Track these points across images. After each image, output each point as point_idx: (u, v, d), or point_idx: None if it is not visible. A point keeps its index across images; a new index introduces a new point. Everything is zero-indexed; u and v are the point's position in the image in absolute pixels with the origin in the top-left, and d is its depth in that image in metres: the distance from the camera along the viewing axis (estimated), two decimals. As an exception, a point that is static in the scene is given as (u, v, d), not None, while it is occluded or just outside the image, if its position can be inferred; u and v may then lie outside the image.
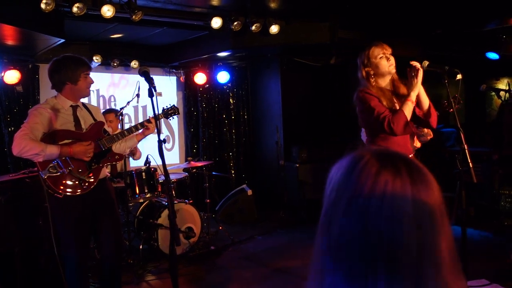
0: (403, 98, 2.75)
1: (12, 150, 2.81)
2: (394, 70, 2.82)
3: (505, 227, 5.13)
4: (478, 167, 5.40)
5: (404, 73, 2.80)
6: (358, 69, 2.89)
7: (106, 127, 3.23)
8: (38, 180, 3.88)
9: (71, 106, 3.05)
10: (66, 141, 2.95)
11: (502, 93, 4.64)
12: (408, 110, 2.67)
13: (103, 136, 3.13)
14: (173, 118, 3.64)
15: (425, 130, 3.64)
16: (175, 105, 3.64)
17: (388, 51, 2.81)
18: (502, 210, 5.22)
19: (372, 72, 2.81)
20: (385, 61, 2.79)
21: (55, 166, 2.87)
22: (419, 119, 2.81)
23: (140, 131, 3.26)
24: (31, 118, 2.91)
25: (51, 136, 2.91)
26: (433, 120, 2.81)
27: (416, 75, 2.68)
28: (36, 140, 2.84)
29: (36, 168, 2.95)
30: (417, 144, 4.03)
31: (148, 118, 3.30)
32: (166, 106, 3.60)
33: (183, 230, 4.54)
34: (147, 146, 4.81)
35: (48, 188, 2.88)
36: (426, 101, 2.78)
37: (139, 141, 3.32)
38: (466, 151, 2.52)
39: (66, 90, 3.01)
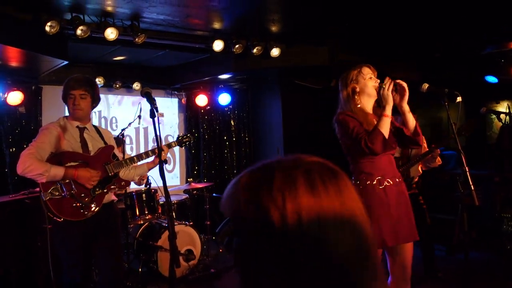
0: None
1: (17, 168, 2.76)
2: (376, 97, 2.77)
3: (507, 250, 5.08)
4: (479, 189, 5.38)
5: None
6: (341, 89, 2.84)
7: (116, 152, 3.15)
8: (37, 201, 3.88)
9: (78, 127, 2.99)
10: (72, 163, 2.87)
11: (502, 116, 4.65)
12: (384, 125, 2.60)
13: (111, 161, 3.04)
14: (187, 146, 3.57)
15: (436, 156, 3.61)
16: (189, 135, 3.55)
17: (375, 74, 2.79)
18: (504, 232, 5.18)
19: (357, 89, 2.75)
20: (372, 82, 2.75)
21: (58, 189, 2.79)
22: (407, 139, 2.77)
23: (151, 159, 3.17)
24: (40, 137, 2.86)
25: (58, 157, 2.85)
26: (421, 138, 2.77)
27: (388, 87, 2.64)
28: (41, 160, 2.77)
29: (38, 189, 2.91)
30: (419, 171, 4.03)
31: (159, 146, 3.24)
32: (181, 134, 3.53)
33: (183, 253, 4.50)
34: (148, 167, 4.80)
35: (48, 211, 2.78)
36: (412, 120, 2.74)
37: (149, 169, 3.24)
38: (468, 173, 2.51)
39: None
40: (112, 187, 3.05)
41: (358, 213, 0.78)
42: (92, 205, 2.87)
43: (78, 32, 3.96)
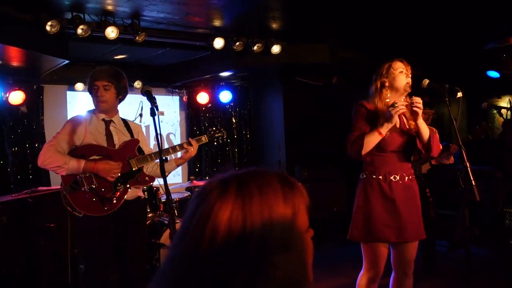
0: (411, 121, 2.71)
1: (38, 160, 2.73)
2: (409, 90, 2.72)
3: (510, 246, 5.08)
4: (482, 185, 5.37)
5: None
6: (372, 82, 2.80)
7: (143, 146, 3.02)
8: (40, 200, 3.90)
9: (103, 120, 2.89)
10: (95, 156, 2.78)
11: (503, 111, 4.64)
12: (370, 138, 2.61)
13: (135, 155, 2.92)
14: (219, 142, 3.32)
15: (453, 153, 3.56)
16: (222, 129, 3.33)
17: (409, 70, 2.74)
18: (506, 228, 5.17)
19: (387, 84, 2.72)
20: (403, 77, 2.70)
21: (78, 182, 2.72)
22: (418, 149, 2.76)
23: (179, 154, 3.03)
24: (64, 129, 2.81)
25: (81, 150, 2.78)
26: (434, 152, 2.73)
27: (398, 110, 2.57)
28: (61, 153, 2.72)
29: (40, 188, 2.89)
30: (428, 166, 4.03)
31: (188, 140, 3.08)
32: (213, 129, 3.31)
33: (185, 250, 4.51)
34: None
35: (68, 205, 2.73)
36: (425, 133, 2.69)
37: (178, 166, 3.08)
38: (469, 169, 2.51)
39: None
40: (135, 184, 2.92)
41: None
42: (114, 201, 2.77)
43: (79, 31, 3.96)
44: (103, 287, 2.79)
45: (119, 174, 2.80)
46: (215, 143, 3.30)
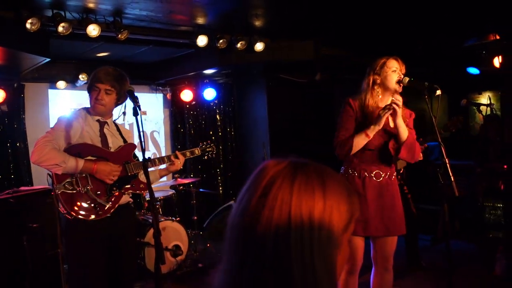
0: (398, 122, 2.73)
1: (31, 156, 2.57)
2: (400, 90, 2.74)
3: (490, 239, 5.19)
4: (462, 180, 5.47)
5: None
6: (365, 77, 2.81)
7: (137, 152, 2.93)
8: (23, 200, 3.85)
9: (98, 120, 2.78)
10: (91, 157, 2.66)
11: (482, 107, 4.73)
12: (358, 140, 2.68)
13: (132, 160, 2.82)
14: (209, 156, 3.24)
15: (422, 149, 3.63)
16: (212, 144, 3.28)
17: (403, 69, 2.77)
18: (486, 222, 5.28)
19: (378, 81, 2.75)
20: (396, 76, 2.73)
21: (72, 182, 2.58)
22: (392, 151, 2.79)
23: (164, 166, 2.95)
24: (58, 124, 2.66)
25: (76, 148, 2.64)
26: (402, 155, 2.73)
27: (387, 113, 2.63)
28: (59, 150, 2.57)
29: (25, 188, 2.79)
30: (404, 163, 4.09)
31: (175, 153, 3.00)
32: (204, 143, 3.25)
33: (170, 248, 4.51)
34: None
35: (59, 205, 2.60)
36: (403, 136, 2.72)
37: (161, 177, 3.03)
38: (448, 165, 2.57)
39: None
40: (130, 190, 2.82)
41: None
42: (107, 205, 2.65)
43: (60, 29, 3.91)
44: None
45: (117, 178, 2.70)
46: (205, 158, 3.24)
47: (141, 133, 2.27)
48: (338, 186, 0.82)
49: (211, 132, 7.16)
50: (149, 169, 2.75)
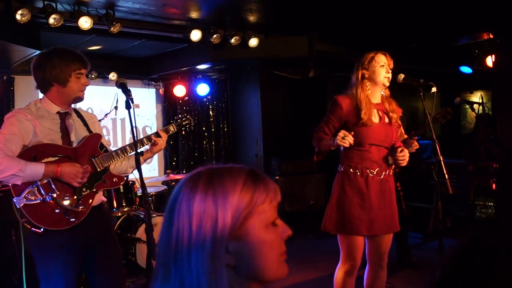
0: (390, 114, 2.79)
1: None
2: (388, 84, 2.76)
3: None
4: (454, 178, 5.50)
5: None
6: (354, 71, 2.81)
7: (104, 141, 2.57)
8: (11, 193, 3.79)
9: (58, 112, 2.39)
10: (50, 158, 2.29)
11: (475, 106, 4.75)
12: (324, 144, 2.75)
13: (98, 153, 2.47)
14: (187, 130, 2.97)
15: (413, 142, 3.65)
16: (189, 116, 2.96)
17: (391, 64, 2.77)
18: (477, 220, 5.31)
19: (367, 76, 2.75)
20: (384, 71, 2.73)
21: (34, 191, 2.23)
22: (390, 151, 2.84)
23: (147, 147, 2.62)
24: (7, 126, 2.27)
25: (30, 151, 2.26)
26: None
27: (344, 142, 2.64)
28: (13, 157, 2.20)
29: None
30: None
31: (156, 131, 2.66)
32: (180, 116, 2.92)
33: (161, 244, 4.48)
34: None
35: (25, 220, 2.24)
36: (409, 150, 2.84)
37: (145, 160, 2.65)
38: (442, 162, 2.56)
39: (53, 93, 2.36)
40: (103, 187, 2.48)
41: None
42: (80, 209, 2.32)
43: (51, 20, 3.85)
44: None
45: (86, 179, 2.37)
46: (183, 132, 3.00)
47: (134, 128, 2.20)
48: (226, 181, 0.90)
49: (204, 128, 7.12)
50: (130, 154, 2.55)
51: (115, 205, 4.38)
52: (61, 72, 2.34)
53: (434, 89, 2.63)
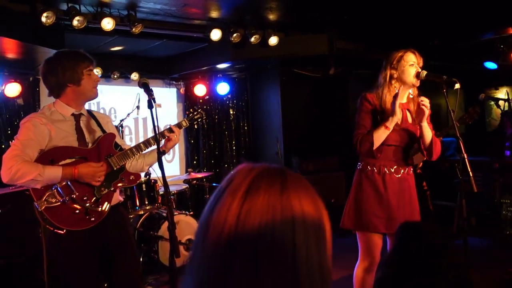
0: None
1: (2, 177, 2.22)
2: (417, 84, 2.70)
3: (506, 236, 5.11)
4: (479, 176, 5.39)
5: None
6: (381, 71, 2.75)
7: (118, 140, 2.64)
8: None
9: (73, 114, 2.45)
10: (68, 160, 2.35)
11: (501, 102, 4.64)
12: (379, 136, 2.62)
13: (114, 152, 2.52)
14: (199, 123, 3.02)
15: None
16: (200, 110, 3.00)
17: (420, 62, 2.71)
18: (503, 219, 5.20)
19: (395, 76, 2.69)
20: (413, 70, 2.66)
21: (54, 194, 2.27)
22: (422, 151, 2.79)
23: (161, 143, 2.63)
24: (24, 132, 2.30)
25: (47, 155, 2.31)
26: (434, 157, 2.77)
27: (395, 102, 2.59)
28: (31, 162, 2.24)
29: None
30: (422, 157, 4.04)
31: (169, 126, 2.69)
32: (192, 111, 2.98)
33: (183, 242, 4.52)
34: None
35: (47, 223, 2.29)
36: (428, 138, 2.71)
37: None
38: (466, 160, 2.52)
39: (68, 94, 2.42)
40: (120, 184, 2.52)
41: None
42: (99, 209, 2.38)
43: (75, 22, 3.93)
44: None
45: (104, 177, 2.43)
46: (195, 126, 3.01)
47: (156, 127, 2.22)
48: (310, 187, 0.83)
49: (224, 127, 7.16)
50: (145, 151, 2.62)
51: (137, 203, 4.45)
52: (74, 72, 2.41)
53: (457, 86, 2.58)
